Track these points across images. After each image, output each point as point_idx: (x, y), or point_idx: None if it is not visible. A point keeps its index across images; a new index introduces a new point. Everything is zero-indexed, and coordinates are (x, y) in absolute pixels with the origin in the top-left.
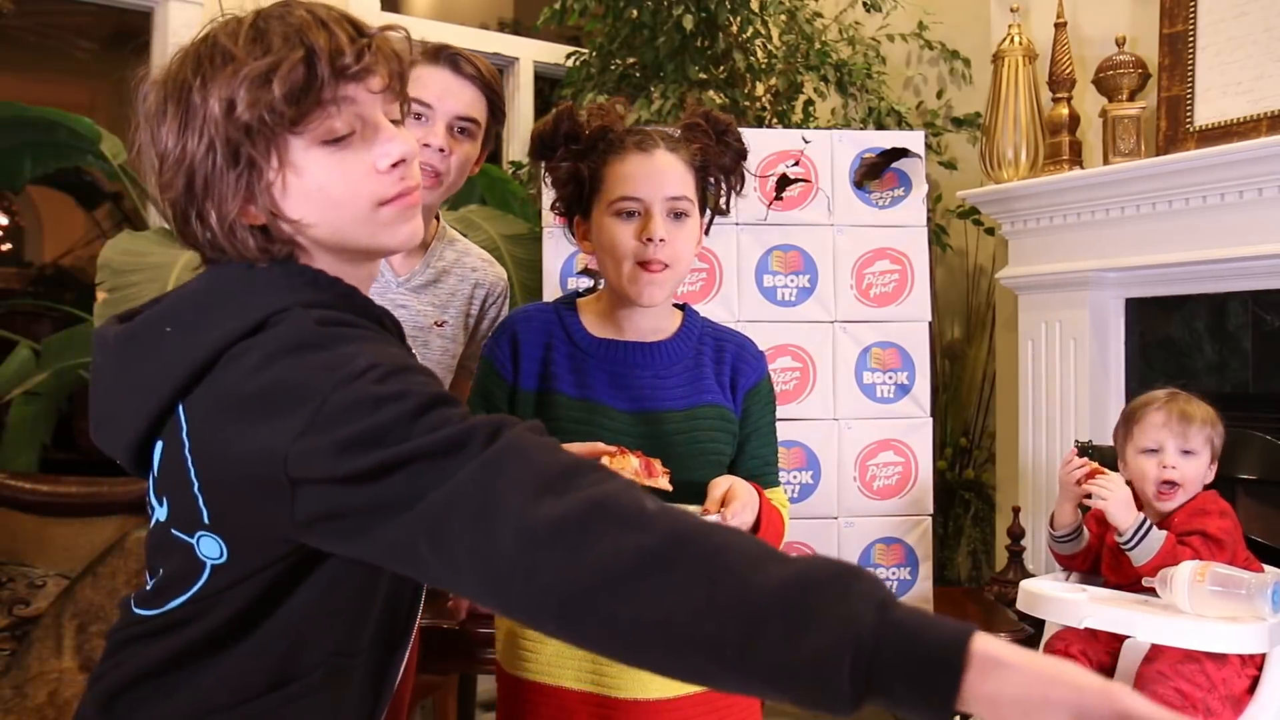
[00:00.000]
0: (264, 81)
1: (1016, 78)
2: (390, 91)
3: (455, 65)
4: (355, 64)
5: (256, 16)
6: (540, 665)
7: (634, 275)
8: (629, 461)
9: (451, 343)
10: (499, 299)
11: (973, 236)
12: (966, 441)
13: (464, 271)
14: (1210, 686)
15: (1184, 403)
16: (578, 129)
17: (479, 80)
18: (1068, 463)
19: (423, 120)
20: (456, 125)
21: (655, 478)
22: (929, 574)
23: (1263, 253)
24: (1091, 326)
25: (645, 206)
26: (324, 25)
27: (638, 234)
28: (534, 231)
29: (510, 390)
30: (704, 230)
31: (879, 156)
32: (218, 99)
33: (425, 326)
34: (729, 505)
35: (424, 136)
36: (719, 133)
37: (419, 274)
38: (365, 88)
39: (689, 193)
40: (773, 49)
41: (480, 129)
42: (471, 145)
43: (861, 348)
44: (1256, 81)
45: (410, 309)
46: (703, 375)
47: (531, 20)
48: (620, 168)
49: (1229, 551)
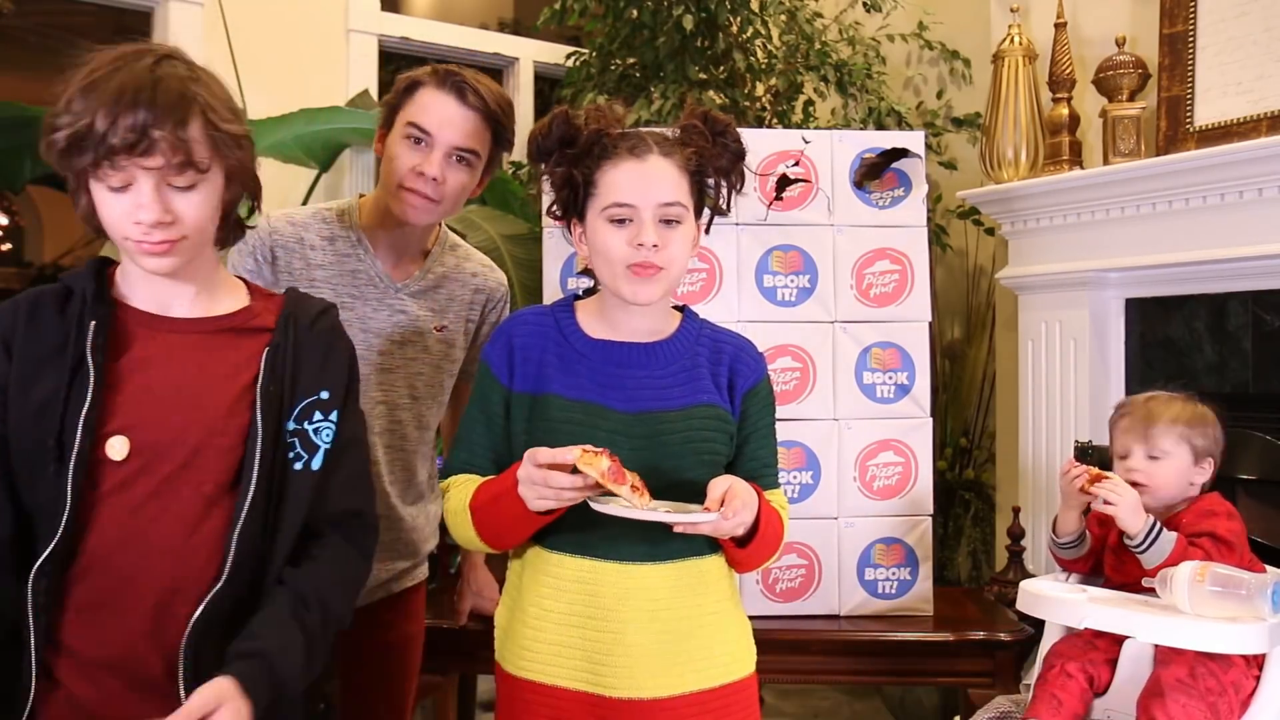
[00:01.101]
0: (52, 129)
1: (1016, 78)
2: (172, 168)
3: (461, 94)
4: (121, 146)
5: (112, 64)
6: (537, 664)
7: (626, 277)
8: (599, 462)
9: (451, 347)
10: (499, 304)
11: (973, 236)
12: (966, 441)
13: (464, 277)
14: (1221, 690)
15: (1154, 404)
16: (573, 132)
17: (484, 112)
18: (1066, 471)
19: (421, 146)
20: (455, 154)
21: (622, 484)
22: (929, 574)
23: (1263, 253)
24: (1091, 326)
25: (637, 213)
26: (127, 105)
27: (630, 240)
28: (534, 232)
29: (506, 394)
30: (704, 230)
31: (879, 156)
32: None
33: (424, 330)
34: (728, 505)
35: (420, 165)
36: (716, 134)
37: (417, 279)
38: (136, 163)
39: (682, 198)
40: (773, 49)
41: (481, 160)
42: (469, 174)
43: (861, 348)
44: (1256, 81)
45: (410, 313)
46: (699, 376)
47: (531, 20)
48: (613, 173)
49: (1238, 554)
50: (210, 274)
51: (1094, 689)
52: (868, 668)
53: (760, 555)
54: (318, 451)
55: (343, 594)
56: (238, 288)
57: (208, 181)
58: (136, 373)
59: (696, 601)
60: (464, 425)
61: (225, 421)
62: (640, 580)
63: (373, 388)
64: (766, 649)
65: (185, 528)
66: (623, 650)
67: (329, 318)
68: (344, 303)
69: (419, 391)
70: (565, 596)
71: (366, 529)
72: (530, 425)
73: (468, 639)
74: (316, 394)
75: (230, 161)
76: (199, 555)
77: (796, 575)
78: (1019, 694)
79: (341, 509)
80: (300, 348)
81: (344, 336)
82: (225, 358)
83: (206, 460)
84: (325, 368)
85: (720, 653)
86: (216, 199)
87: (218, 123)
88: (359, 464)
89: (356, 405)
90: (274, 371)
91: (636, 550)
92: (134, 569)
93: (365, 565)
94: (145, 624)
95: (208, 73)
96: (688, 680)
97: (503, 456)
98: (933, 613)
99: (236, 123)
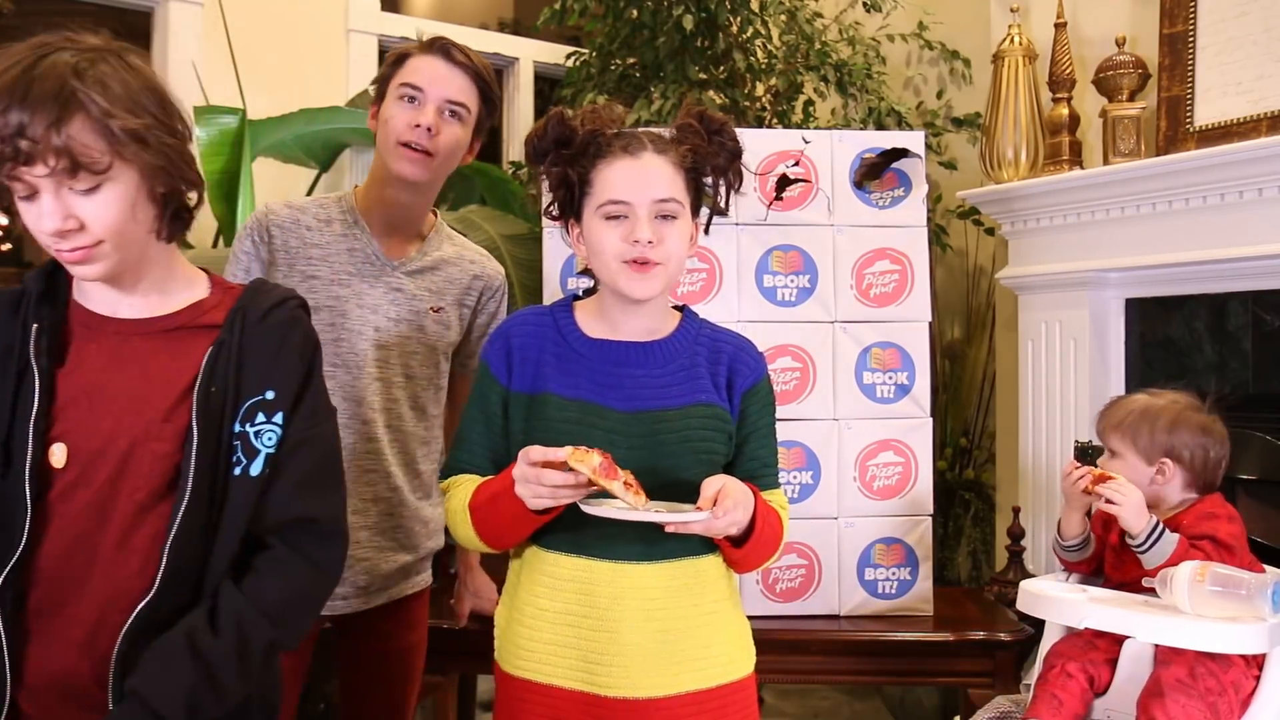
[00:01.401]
0: None
1: (1016, 78)
2: (59, 175)
3: (447, 54)
4: (5, 156)
5: (2, 65)
6: (533, 664)
7: (623, 273)
8: (591, 458)
9: (446, 329)
10: (497, 293)
11: (973, 236)
12: (966, 441)
13: (464, 264)
14: (1221, 690)
15: (1118, 403)
16: (568, 133)
17: (469, 69)
18: (1068, 474)
19: (414, 103)
20: (446, 108)
21: (613, 480)
22: (929, 574)
23: (1263, 253)
24: (1091, 326)
25: (632, 209)
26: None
27: (625, 236)
28: (534, 231)
29: (504, 393)
30: (702, 230)
31: (879, 156)
32: None
33: (421, 310)
34: (720, 504)
35: (414, 118)
36: (711, 132)
37: (415, 260)
38: (28, 171)
39: (677, 194)
40: (773, 49)
41: (471, 115)
42: (462, 129)
43: (861, 348)
44: (1256, 81)
45: (406, 291)
46: (698, 375)
47: (531, 20)
48: (608, 171)
49: (1238, 558)
50: (161, 270)
51: (1094, 689)
52: (868, 668)
53: (758, 556)
54: (258, 456)
55: (280, 611)
56: (196, 283)
57: (114, 181)
58: (77, 376)
59: (693, 601)
60: (464, 425)
61: (161, 426)
62: (635, 580)
63: (370, 363)
64: (766, 649)
65: (119, 536)
66: (617, 650)
67: (285, 310)
68: (340, 279)
69: (414, 371)
70: (561, 596)
71: (322, 536)
72: (528, 425)
73: (468, 639)
74: (261, 394)
75: (143, 160)
76: (131, 564)
77: (796, 575)
78: (1019, 694)
79: (289, 517)
80: (247, 345)
81: (300, 328)
82: (167, 359)
83: (139, 466)
84: (274, 364)
85: (717, 653)
86: (131, 197)
87: (107, 120)
88: (315, 466)
89: (318, 401)
90: (215, 372)
91: (631, 550)
92: (75, 579)
93: (319, 576)
94: (81, 634)
95: (118, 61)
96: (684, 680)
97: (502, 456)
98: (933, 613)
99: (145, 115)
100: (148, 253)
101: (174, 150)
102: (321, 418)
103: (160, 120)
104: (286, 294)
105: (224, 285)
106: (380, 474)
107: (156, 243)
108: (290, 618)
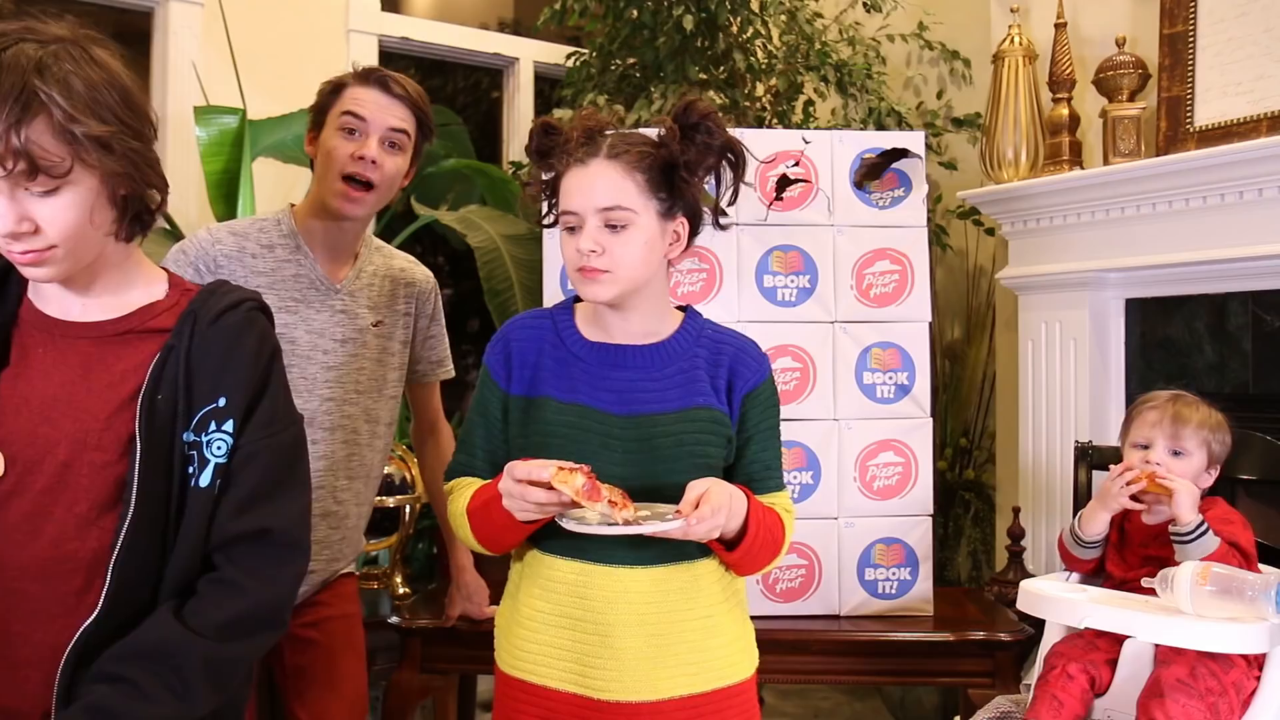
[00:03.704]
0: None
1: (1016, 78)
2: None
3: (385, 86)
4: None
5: None
6: (529, 665)
7: (578, 280)
8: (574, 479)
9: (389, 340)
10: (431, 295)
11: (973, 236)
12: (966, 441)
13: (393, 273)
14: (1222, 690)
15: (1182, 405)
16: (549, 142)
17: (407, 100)
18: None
19: (356, 135)
20: (388, 139)
21: (596, 501)
22: (929, 574)
23: (1263, 253)
24: (1091, 326)
25: (580, 219)
26: None
27: (578, 245)
28: (534, 232)
29: (504, 396)
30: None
31: (879, 157)
32: None
33: (363, 328)
34: (699, 509)
35: (358, 149)
36: (687, 128)
37: (351, 280)
38: None
39: (625, 200)
40: (773, 49)
41: (410, 142)
42: (402, 158)
43: (861, 348)
44: (1257, 82)
45: (349, 311)
46: (696, 378)
47: (531, 20)
48: (566, 181)
49: (1253, 565)
50: (117, 272)
51: (1095, 689)
52: (868, 668)
53: (755, 559)
54: (208, 466)
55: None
56: (155, 283)
57: (73, 185)
58: (20, 380)
59: (687, 605)
60: (465, 428)
61: (100, 435)
62: (628, 584)
63: (320, 385)
64: (766, 649)
65: (56, 551)
66: (611, 653)
67: (239, 312)
68: (288, 306)
69: (363, 386)
70: (556, 599)
71: (277, 548)
72: (525, 428)
73: (467, 639)
74: (214, 401)
75: (105, 165)
76: (74, 582)
77: (796, 575)
78: (1019, 694)
79: (239, 530)
80: (197, 350)
81: (255, 331)
82: (112, 364)
83: (78, 477)
84: (225, 370)
85: (714, 656)
86: (89, 201)
87: (69, 124)
88: (268, 476)
89: (276, 407)
90: (162, 379)
91: (625, 554)
92: (11, 595)
93: (269, 590)
94: (20, 656)
95: (82, 54)
96: (678, 684)
97: (501, 459)
98: (933, 613)
99: (109, 118)
100: (104, 254)
101: (137, 154)
102: (280, 425)
103: (125, 123)
104: (243, 295)
105: (182, 287)
106: (327, 490)
107: (115, 244)
108: (232, 638)
